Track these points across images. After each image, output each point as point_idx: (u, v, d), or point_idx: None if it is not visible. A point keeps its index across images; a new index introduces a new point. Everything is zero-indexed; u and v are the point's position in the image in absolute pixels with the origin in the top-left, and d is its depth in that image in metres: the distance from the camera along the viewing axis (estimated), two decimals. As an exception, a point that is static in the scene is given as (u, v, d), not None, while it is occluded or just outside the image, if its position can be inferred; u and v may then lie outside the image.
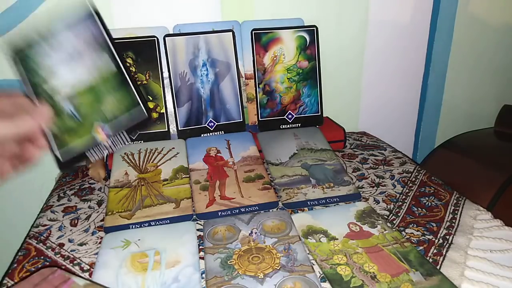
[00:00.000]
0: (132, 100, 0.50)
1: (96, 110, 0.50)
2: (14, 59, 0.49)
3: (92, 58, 0.50)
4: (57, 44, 0.49)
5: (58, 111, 0.49)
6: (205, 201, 0.63)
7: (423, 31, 0.98)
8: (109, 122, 0.50)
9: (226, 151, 0.75)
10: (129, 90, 0.50)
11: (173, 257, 0.51)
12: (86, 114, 0.50)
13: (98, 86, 0.50)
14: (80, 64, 0.50)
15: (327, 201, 0.64)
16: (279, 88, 0.83)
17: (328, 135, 0.81)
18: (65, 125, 0.49)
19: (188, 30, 0.79)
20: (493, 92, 1.11)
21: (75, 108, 0.50)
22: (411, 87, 1.03)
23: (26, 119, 0.45)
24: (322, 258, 0.50)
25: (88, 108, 0.50)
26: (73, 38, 0.49)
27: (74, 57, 0.50)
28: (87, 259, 0.52)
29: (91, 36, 0.50)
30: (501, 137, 1.01)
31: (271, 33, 0.82)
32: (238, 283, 0.46)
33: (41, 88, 0.49)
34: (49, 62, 0.49)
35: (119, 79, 0.50)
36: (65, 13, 0.49)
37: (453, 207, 0.62)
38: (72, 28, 0.50)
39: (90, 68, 0.50)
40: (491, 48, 1.05)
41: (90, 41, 0.50)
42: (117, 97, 0.50)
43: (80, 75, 0.50)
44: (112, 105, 0.50)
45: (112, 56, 0.50)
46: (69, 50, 0.49)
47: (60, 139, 0.49)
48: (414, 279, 0.46)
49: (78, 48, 0.50)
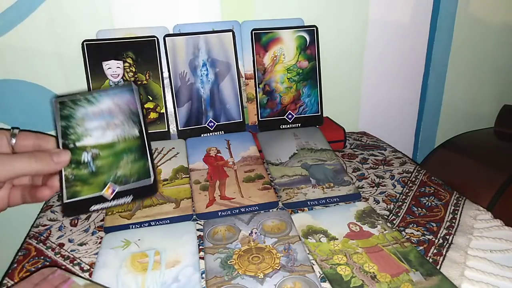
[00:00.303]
0: (145, 172, 0.55)
1: (111, 169, 0.54)
2: (55, 105, 0.55)
3: (122, 124, 0.56)
4: (98, 110, 0.56)
5: (77, 157, 0.54)
6: (205, 201, 0.63)
7: (423, 31, 0.98)
8: (119, 184, 0.54)
9: (226, 151, 0.75)
10: (145, 162, 0.55)
11: (173, 257, 0.51)
12: (102, 172, 0.54)
13: (119, 148, 0.55)
14: (110, 125, 0.56)
15: (327, 201, 0.64)
16: (279, 88, 0.83)
17: (328, 135, 0.81)
18: (79, 172, 0.53)
19: (188, 30, 0.80)
20: (493, 92, 1.11)
21: (93, 159, 0.54)
22: (411, 87, 1.03)
23: (47, 160, 0.49)
24: (322, 258, 0.50)
25: (105, 163, 0.54)
26: (111, 104, 0.56)
27: (107, 118, 0.56)
28: (87, 259, 0.52)
29: (127, 107, 0.56)
30: (501, 137, 1.01)
31: (271, 33, 0.82)
32: (238, 283, 0.46)
33: (69, 134, 0.54)
34: (84, 116, 0.55)
35: (140, 150, 0.55)
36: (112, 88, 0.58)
37: (453, 207, 0.62)
38: (113, 96, 0.56)
39: (118, 131, 0.56)
40: (491, 48, 1.05)
41: (125, 110, 0.56)
42: (133, 165, 0.55)
43: (108, 134, 0.55)
44: (126, 169, 0.54)
45: (140, 128, 0.56)
46: (104, 112, 0.56)
47: (71, 183, 0.53)
48: (414, 279, 0.46)
49: (113, 112, 0.56)
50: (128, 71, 0.76)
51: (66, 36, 0.77)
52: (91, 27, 0.77)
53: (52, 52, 0.78)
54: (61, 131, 0.54)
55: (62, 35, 0.77)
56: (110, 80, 0.75)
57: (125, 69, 0.76)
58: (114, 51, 0.75)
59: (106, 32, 0.77)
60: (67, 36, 0.77)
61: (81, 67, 0.74)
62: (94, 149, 0.55)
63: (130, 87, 0.58)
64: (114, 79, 0.75)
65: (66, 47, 0.78)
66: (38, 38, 0.76)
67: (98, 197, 0.53)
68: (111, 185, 0.54)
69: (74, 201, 0.52)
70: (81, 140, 0.55)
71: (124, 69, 0.76)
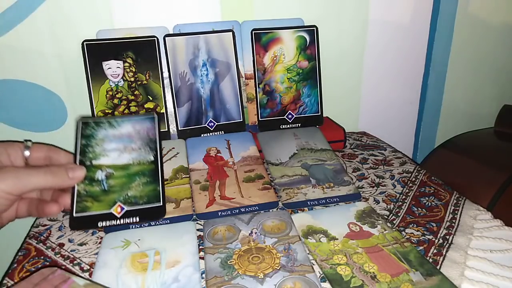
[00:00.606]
0: (155, 196, 0.57)
1: (123, 189, 0.57)
2: (79, 125, 0.60)
3: (139, 148, 0.60)
4: (118, 129, 0.60)
5: (91, 174, 0.56)
6: (205, 201, 0.63)
7: (423, 31, 0.98)
8: (129, 204, 0.56)
9: (226, 151, 0.75)
10: (157, 187, 0.58)
11: (173, 257, 0.51)
12: (114, 187, 0.57)
13: (133, 171, 0.58)
14: (128, 149, 0.59)
15: (327, 201, 0.64)
16: (279, 88, 0.83)
17: (328, 135, 0.81)
18: (91, 188, 0.56)
19: (188, 30, 0.80)
20: (493, 92, 1.11)
21: (106, 178, 0.57)
22: (411, 87, 1.03)
23: (63, 175, 0.51)
24: (322, 258, 0.50)
25: (117, 183, 0.57)
26: (131, 129, 0.61)
27: (125, 142, 0.60)
28: (87, 259, 0.52)
29: (146, 134, 0.61)
30: (501, 137, 1.01)
31: (271, 33, 0.82)
32: (238, 283, 0.46)
33: (87, 152, 0.58)
34: (104, 137, 0.59)
35: (153, 175, 0.58)
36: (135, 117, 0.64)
37: (453, 207, 0.62)
38: (134, 123, 0.61)
39: (134, 155, 0.59)
40: (491, 48, 1.05)
41: (143, 137, 0.61)
42: (144, 187, 0.57)
43: (124, 156, 0.59)
44: (137, 191, 0.57)
45: (155, 154, 0.60)
46: (124, 136, 0.60)
47: (82, 197, 0.55)
48: (414, 279, 0.46)
49: (132, 137, 0.60)
50: (128, 71, 0.76)
51: (66, 36, 0.77)
52: (91, 27, 0.77)
53: (52, 52, 0.78)
54: (80, 148, 0.58)
55: (62, 35, 0.77)
56: (110, 80, 0.75)
57: (125, 69, 0.76)
58: (114, 51, 0.75)
59: (106, 32, 0.77)
60: (67, 36, 0.77)
61: (81, 67, 0.74)
62: (109, 169, 0.57)
63: (152, 116, 0.63)
64: (114, 79, 0.75)
65: (66, 47, 0.78)
66: (38, 38, 0.76)
67: (107, 214, 0.55)
68: (120, 204, 0.56)
69: (82, 216, 0.54)
70: (98, 159, 0.58)
71: (124, 69, 0.76)
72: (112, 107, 0.75)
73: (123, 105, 0.76)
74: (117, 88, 0.76)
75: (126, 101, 0.76)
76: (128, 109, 0.76)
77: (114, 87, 0.76)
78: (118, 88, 0.76)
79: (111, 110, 0.75)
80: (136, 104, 0.77)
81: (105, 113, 0.75)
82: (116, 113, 0.75)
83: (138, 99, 0.77)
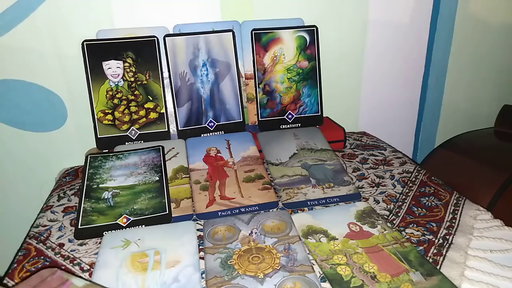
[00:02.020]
0: (161, 207, 0.60)
1: (129, 204, 0.60)
2: (87, 159, 0.65)
3: (144, 172, 0.65)
4: (125, 160, 0.66)
5: (98, 195, 0.60)
6: (205, 201, 0.63)
7: (423, 31, 0.98)
8: (134, 216, 0.58)
9: (226, 151, 0.75)
10: (162, 200, 0.61)
11: (173, 257, 0.51)
12: (120, 203, 0.60)
13: (139, 190, 0.62)
14: (134, 173, 0.64)
15: (327, 201, 0.64)
16: (279, 88, 0.83)
17: (328, 135, 0.81)
18: (97, 205, 0.59)
19: (188, 30, 0.79)
20: (493, 92, 1.11)
21: (113, 197, 0.60)
22: (411, 87, 1.03)
23: None
24: (322, 258, 0.50)
25: (123, 199, 0.60)
26: (138, 159, 0.66)
27: (131, 168, 0.65)
28: (87, 259, 0.52)
29: (151, 161, 0.67)
30: (501, 137, 1.01)
31: (271, 33, 0.82)
32: (238, 283, 0.46)
33: (95, 178, 0.62)
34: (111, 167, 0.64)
35: (159, 190, 0.62)
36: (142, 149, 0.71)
37: (453, 207, 0.62)
38: (141, 155, 0.67)
39: (140, 178, 0.64)
40: (491, 48, 1.05)
41: (149, 164, 0.66)
42: (150, 201, 0.61)
43: (130, 180, 0.63)
44: (143, 205, 0.60)
45: (160, 175, 0.64)
46: (130, 165, 0.65)
47: (88, 214, 0.58)
48: (414, 279, 0.46)
49: (138, 165, 0.65)
50: (128, 71, 0.76)
51: (66, 36, 0.77)
52: (91, 27, 0.77)
53: (52, 52, 0.78)
54: (87, 176, 0.63)
55: (62, 35, 0.77)
56: (110, 80, 0.75)
57: (125, 69, 0.76)
58: (114, 51, 0.75)
59: (106, 32, 0.77)
60: (67, 36, 0.77)
61: (81, 67, 0.74)
62: (116, 190, 0.61)
63: (158, 147, 0.69)
64: (114, 79, 0.75)
65: (66, 47, 0.78)
66: (38, 38, 0.76)
67: (112, 224, 0.57)
68: (126, 216, 0.58)
69: (88, 227, 0.57)
70: (104, 183, 0.62)
71: (124, 69, 0.76)
72: (112, 107, 0.75)
73: (123, 105, 0.76)
74: (117, 88, 0.76)
75: (126, 101, 0.76)
76: (128, 109, 0.76)
77: (114, 87, 0.76)
78: (118, 88, 0.76)
79: (111, 110, 0.75)
80: (136, 104, 0.77)
81: (105, 113, 0.75)
82: (116, 113, 0.75)
83: (138, 99, 0.77)
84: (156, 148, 0.69)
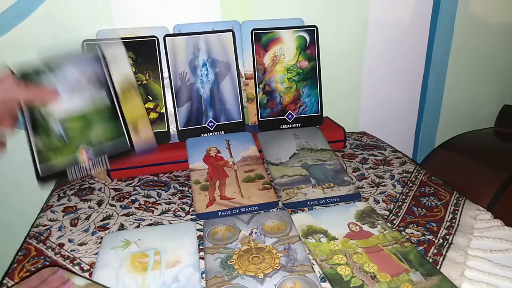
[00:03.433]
0: (118, 132, 0.56)
1: (84, 135, 0.55)
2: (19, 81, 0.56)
3: (90, 92, 0.57)
4: (62, 76, 0.56)
5: (48, 131, 0.55)
6: (205, 201, 0.63)
7: (423, 31, 0.98)
8: (93, 147, 0.55)
9: (226, 151, 0.75)
10: (117, 123, 0.56)
11: (173, 257, 0.51)
12: (74, 137, 0.55)
13: (90, 115, 0.56)
14: (78, 95, 0.56)
15: (327, 201, 0.64)
16: (279, 88, 0.83)
17: (328, 135, 0.81)
18: (52, 143, 0.55)
19: (188, 30, 0.79)
20: (493, 92, 1.11)
21: (64, 131, 0.55)
22: (411, 87, 1.03)
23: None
24: (322, 258, 0.50)
25: (77, 132, 0.55)
26: (78, 74, 0.56)
27: (75, 89, 0.56)
28: (87, 259, 0.52)
29: (94, 75, 0.57)
30: (501, 137, 1.01)
31: (271, 33, 0.82)
32: (238, 283, 0.46)
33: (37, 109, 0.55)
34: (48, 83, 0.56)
35: (111, 113, 0.57)
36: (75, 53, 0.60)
37: (453, 207, 0.62)
38: (79, 65, 0.57)
39: (86, 100, 0.56)
40: (491, 48, 1.05)
41: (92, 79, 0.57)
42: (105, 127, 0.56)
43: (76, 104, 0.56)
44: (99, 133, 0.56)
45: (109, 93, 0.57)
46: (71, 83, 0.56)
47: (44, 155, 0.54)
48: (414, 279, 0.46)
49: (80, 82, 0.56)
50: (128, 71, 0.76)
51: (66, 36, 0.77)
52: (91, 27, 0.77)
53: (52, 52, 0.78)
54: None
55: (62, 35, 0.77)
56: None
57: (125, 69, 0.76)
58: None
59: (106, 32, 0.77)
60: (67, 36, 0.77)
61: (81, 67, 0.74)
62: (64, 117, 0.55)
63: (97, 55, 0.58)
64: (114, 79, 0.75)
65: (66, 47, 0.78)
66: (38, 38, 0.76)
67: (74, 162, 0.54)
68: (85, 149, 0.54)
69: (50, 174, 0.53)
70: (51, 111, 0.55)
71: (124, 69, 0.76)
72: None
73: (123, 105, 0.76)
74: (117, 88, 0.76)
75: (126, 101, 0.76)
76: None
77: (114, 87, 0.75)
78: (118, 88, 0.76)
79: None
80: (136, 104, 0.76)
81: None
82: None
83: (138, 99, 0.77)
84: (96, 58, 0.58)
